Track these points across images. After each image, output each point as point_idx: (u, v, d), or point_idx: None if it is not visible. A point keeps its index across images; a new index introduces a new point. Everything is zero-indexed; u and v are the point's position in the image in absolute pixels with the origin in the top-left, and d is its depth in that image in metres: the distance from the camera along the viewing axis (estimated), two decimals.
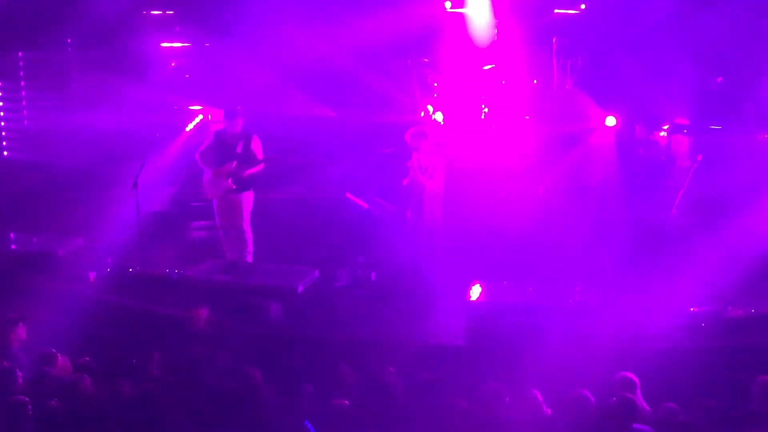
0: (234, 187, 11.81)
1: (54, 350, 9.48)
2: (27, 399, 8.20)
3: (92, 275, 11.91)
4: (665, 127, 14.46)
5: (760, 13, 14.34)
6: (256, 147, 11.84)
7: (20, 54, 16.59)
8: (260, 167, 11.81)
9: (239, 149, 11.75)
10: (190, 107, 15.89)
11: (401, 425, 8.21)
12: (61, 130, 15.85)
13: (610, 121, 14.60)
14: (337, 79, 16.14)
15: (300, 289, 11.26)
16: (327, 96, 16.18)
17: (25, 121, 16.62)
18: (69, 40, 16.98)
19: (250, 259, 12.10)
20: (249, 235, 12.09)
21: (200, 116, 15.39)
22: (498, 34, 15.72)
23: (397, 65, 16.00)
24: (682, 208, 11.77)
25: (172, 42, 16.64)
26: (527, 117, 15.13)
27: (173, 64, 16.56)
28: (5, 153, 16.36)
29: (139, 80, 15.65)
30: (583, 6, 15.06)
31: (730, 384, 9.15)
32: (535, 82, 15.34)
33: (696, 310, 10.71)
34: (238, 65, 16.01)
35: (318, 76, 16.16)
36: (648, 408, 8.45)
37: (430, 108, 15.24)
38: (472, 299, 10.47)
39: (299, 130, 15.58)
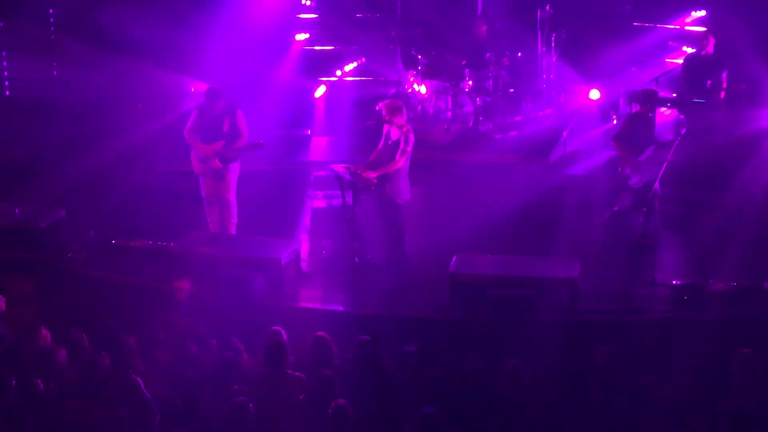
0: (221, 166, 11.82)
1: (36, 322, 9.46)
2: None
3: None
4: None
5: None
6: (241, 122, 11.84)
7: (1, 24, 16.44)
8: (245, 145, 11.81)
9: (225, 127, 11.75)
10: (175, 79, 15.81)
11: (387, 397, 8.24)
12: (44, 101, 15.75)
13: (594, 94, 14.58)
14: (322, 51, 16.09)
15: (284, 261, 11.24)
16: (311, 68, 16.10)
17: (7, 92, 16.50)
18: (51, 11, 16.87)
19: (233, 230, 12.07)
20: (234, 207, 12.06)
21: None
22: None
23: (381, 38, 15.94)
24: (666, 182, 11.78)
25: (156, 13, 16.52)
26: (511, 90, 15.11)
27: (157, 36, 16.44)
28: None
29: (121, 51, 15.54)
30: None
31: (711, 357, 9.20)
32: (519, 55, 15.30)
33: (679, 283, 10.75)
34: (221, 36, 15.91)
35: (302, 49, 16.11)
36: (627, 379, 8.48)
37: (414, 81, 15.19)
38: None
39: (283, 103, 15.52)
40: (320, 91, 15.13)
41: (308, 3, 16.35)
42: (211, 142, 11.79)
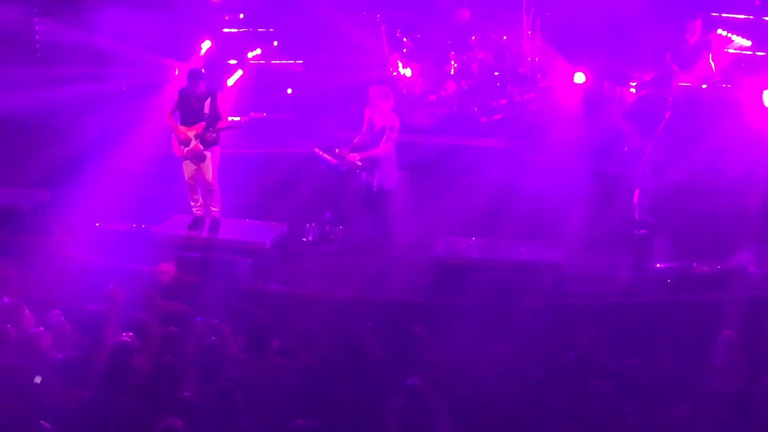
0: (202, 148, 11.79)
1: (20, 304, 9.42)
2: None
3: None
4: (633, 84, 14.45)
5: None
6: (222, 104, 11.82)
7: None
8: (226, 125, 11.78)
9: (206, 109, 11.72)
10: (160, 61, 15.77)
11: (371, 380, 8.25)
12: (27, 83, 15.66)
13: (579, 77, 14.60)
14: (306, 33, 16.04)
15: (268, 244, 11.23)
16: (296, 50, 16.07)
17: None
18: None
19: (218, 214, 12.05)
20: (217, 191, 12.04)
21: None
22: None
23: (366, 20, 15.91)
24: (650, 165, 11.80)
25: None
26: (496, 73, 15.11)
27: (139, 17, 16.38)
28: None
29: (104, 33, 15.46)
30: None
31: (694, 339, 9.24)
32: (504, 38, 15.30)
33: (662, 266, 10.78)
34: (206, 18, 15.87)
35: (287, 30, 16.07)
36: (611, 363, 8.52)
37: (399, 64, 15.17)
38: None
39: (268, 85, 15.49)
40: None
41: None
42: (192, 125, 11.76)
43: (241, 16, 16.47)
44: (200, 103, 11.73)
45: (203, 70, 11.86)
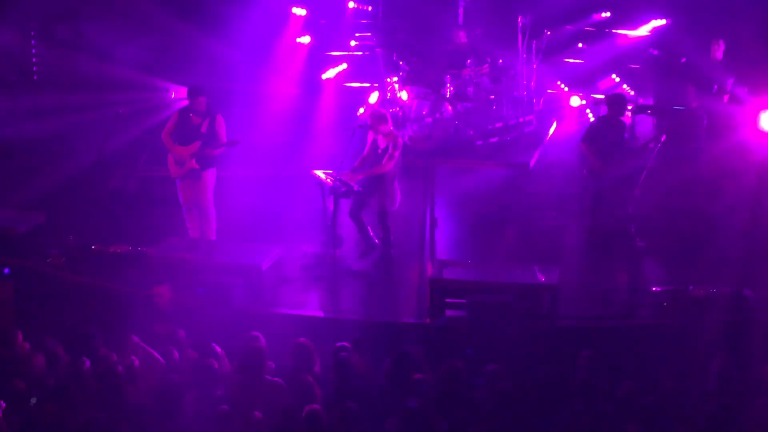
0: (198, 167, 11.80)
1: (15, 328, 9.40)
2: None
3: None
4: (629, 107, 14.49)
5: None
6: (220, 127, 11.84)
7: None
8: (222, 146, 11.80)
9: (204, 129, 11.74)
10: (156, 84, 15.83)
11: (366, 401, 8.23)
12: (22, 106, 15.69)
13: (575, 101, 14.64)
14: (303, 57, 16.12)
15: (264, 266, 11.22)
16: (292, 74, 16.13)
17: None
18: (31, 16, 16.86)
19: (213, 236, 12.04)
20: (212, 213, 12.04)
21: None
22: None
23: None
24: (645, 189, 11.82)
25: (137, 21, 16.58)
26: (492, 96, 15.15)
27: (138, 42, 16.46)
28: None
29: (101, 57, 15.53)
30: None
31: (689, 363, 9.23)
32: (500, 61, 15.34)
33: (658, 289, 10.78)
34: (203, 42, 15.93)
35: (282, 54, 16.14)
36: (608, 385, 8.50)
37: (396, 86, 15.19)
38: None
39: (264, 107, 15.54)
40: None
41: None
42: (188, 145, 11.78)
43: None
44: (199, 120, 11.75)
45: (203, 87, 11.87)
